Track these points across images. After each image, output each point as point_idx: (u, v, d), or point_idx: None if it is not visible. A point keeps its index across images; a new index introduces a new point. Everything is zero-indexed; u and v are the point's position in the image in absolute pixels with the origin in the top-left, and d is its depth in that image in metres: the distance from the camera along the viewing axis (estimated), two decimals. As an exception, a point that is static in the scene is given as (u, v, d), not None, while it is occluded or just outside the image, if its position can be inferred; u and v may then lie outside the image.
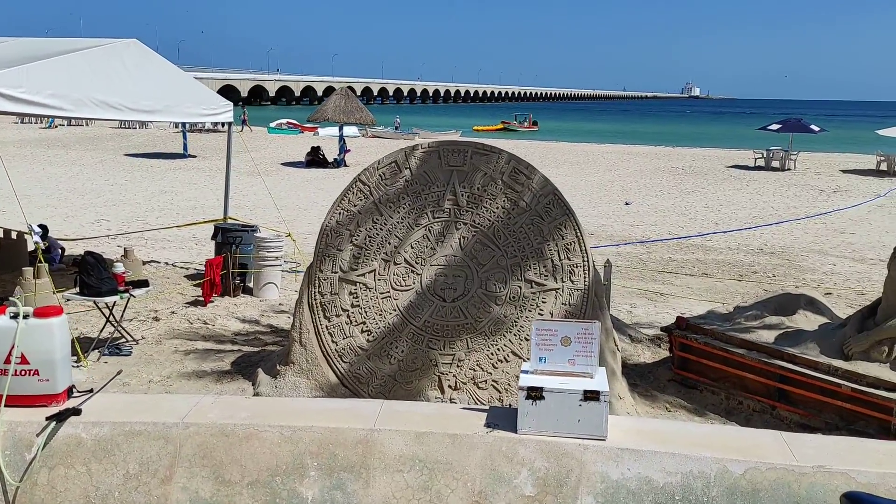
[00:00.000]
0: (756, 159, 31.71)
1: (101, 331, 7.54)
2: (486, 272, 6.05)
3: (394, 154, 6.34)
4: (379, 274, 6.14)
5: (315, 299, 6.20)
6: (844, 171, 30.06)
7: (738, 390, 6.51)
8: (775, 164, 30.67)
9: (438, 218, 6.15)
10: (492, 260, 6.07)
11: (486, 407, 3.90)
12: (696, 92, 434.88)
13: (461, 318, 6.00)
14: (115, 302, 7.37)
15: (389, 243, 6.16)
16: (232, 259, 9.61)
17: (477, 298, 6.02)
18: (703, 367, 6.79)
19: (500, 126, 65.38)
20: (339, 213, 6.26)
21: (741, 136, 51.39)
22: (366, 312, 6.11)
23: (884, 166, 29.88)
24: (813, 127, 33.09)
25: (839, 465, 3.29)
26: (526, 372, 3.51)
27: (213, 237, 10.31)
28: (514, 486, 3.50)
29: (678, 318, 7.13)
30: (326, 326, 6.15)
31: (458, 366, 5.95)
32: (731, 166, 31.74)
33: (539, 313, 5.99)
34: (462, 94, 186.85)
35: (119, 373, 5.88)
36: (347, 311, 6.13)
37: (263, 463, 3.67)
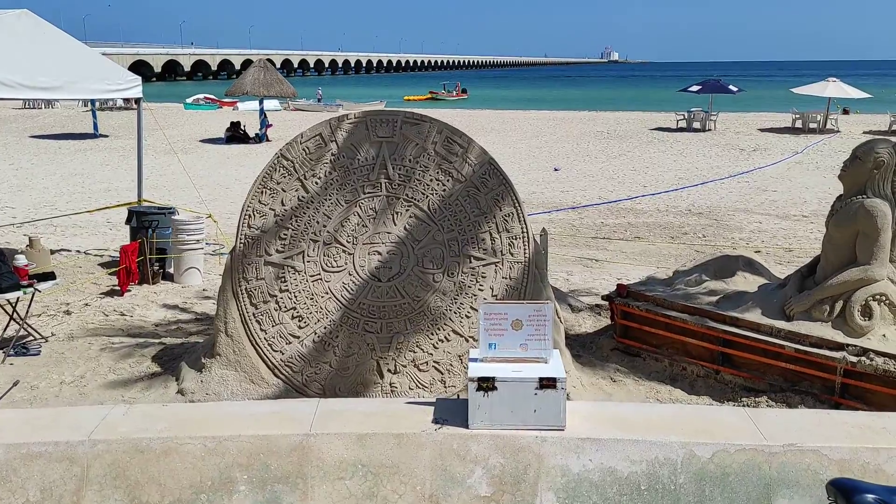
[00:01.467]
0: (678, 121, 32.17)
1: (5, 330, 6.90)
2: (422, 249, 5.72)
3: (318, 126, 5.90)
4: (308, 255, 5.73)
5: (240, 285, 5.76)
6: (762, 130, 30.81)
7: (682, 356, 6.41)
8: (697, 125, 31.17)
9: (369, 193, 5.78)
10: (428, 235, 5.74)
11: (433, 399, 3.60)
12: (615, 56, 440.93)
13: (398, 298, 5.67)
14: (17, 298, 6.75)
15: (318, 222, 5.75)
16: (148, 244, 8.99)
17: (414, 277, 5.69)
18: (646, 335, 6.66)
19: (428, 96, 64.80)
20: (262, 193, 5.81)
21: (662, 99, 52.20)
22: (296, 297, 5.71)
23: (799, 124, 30.74)
24: (731, 87, 33.71)
25: (810, 441, 3.14)
26: (475, 360, 3.22)
27: (128, 221, 9.65)
28: (467, 487, 3.22)
29: (618, 285, 6.97)
30: (254, 314, 5.73)
31: (397, 348, 5.63)
32: (655, 129, 32.13)
33: (479, 289, 5.72)
34: (385, 65, 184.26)
35: (15, 384, 5.28)
36: (276, 296, 5.72)
37: (186, 480, 3.28)
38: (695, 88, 33.22)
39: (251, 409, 3.78)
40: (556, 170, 20.83)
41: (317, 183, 5.78)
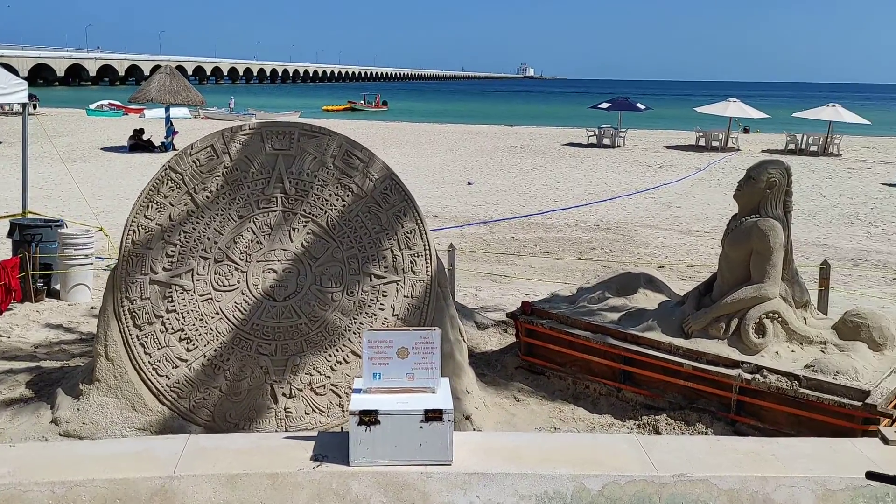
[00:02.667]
0: (589, 137, 32.90)
1: None
2: (320, 266, 5.50)
3: (209, 138, 5.61)
4: (198, 274, 5.42)
5: (122, 306, 5.39)
6: (668, 147, 31.84)
7: (585, 374, 6.39)
8: (606, 141, 31.95)
9: (264, 208, 5.52)
10: (326, 253, 5.53)
11: (314, 433, 3.39)
12: (531, 72, 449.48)
13: (294, 318, 5.42)
14: None
15: (209, 239, 5.45)
16: (31, 259, 8.40)
17: (311, 295, 5.46)
18: (550, 352, 6.62)
19: (347, 106, 64.39)
20: (148, 207, 5.47)
21: (574, 115, 53.35)
22: (184, 318, 5.38)
23: (702, 142, 31.93)
24: (639, 105, 34.79)
25: (700, 471, 3.09)
26: (358, 391, 3.02)
27: (9, 235, 9.01)
28: (348, 527, 3.01)
29: (523, 303, 6.92)
30: (137, 336, 5.37)
31: (292, 371, 5.37)
32: (566, 144, 32.75)
33: (380, 308, 5.54)
34: (302, 74, 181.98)
35: None
36: (162, 317, 5.38)
37: (31, 532, 2.95)
38: (605, 105, 34.11)
39: (110, 449, 3.46)
40: (469, 183, 20.87)
41: (208, 197, 5.49)
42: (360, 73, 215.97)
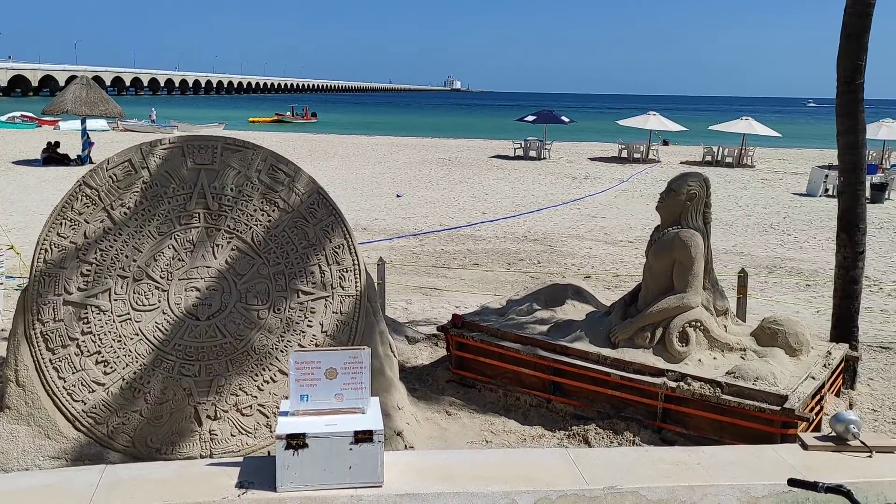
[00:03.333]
0: (515, 149, 33.33)
1: None
2: (245, 283, 5.35)
3: (127, 152, 5.40)
4: (115, 294, 5.19)
5: (34, 328, 5.11)
6: (592, 159, 32.54)
7: (515, 386, 6.41)
8: (532, 153, 32.44)
9: (186, 224, 5.34)
10: (252, 269, 5.38)
11: (239, 459, 3.26)
12: (458, 85, 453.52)
13: (218, 337, 5.25)
14: None
15: (127, 257, 5.23)
16: (-66, 280, 7.91)
17: (236, 314, 5.30)
18: (481, 365, 6.62)
19: (275, 118, 63.63)
20: (61, 224, 5.22)
21: (500, 127, 54.04)
22: (101, 340, 5.14)
23: (624, 154, 32.78)
24: (564, 118, 35.45)
25: (629, 482, 3.12)
26: (285, 414, 2.93)
27: (-90, 254, 8.46)
28: (275, 555, 2.91)
29: (454, 315, 6.90)
30: (50, 360, 5.10)
31: (217, 392, 5.19)
32: (494, 156, 33.10)
33: (308, 325, 5.42)
34: (226, 86, 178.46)
35: None
36: (77, 339, 5.12)
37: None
38: (530, 118, 34.62)
39: (19, 483, 3.26)
40: (398, 196, 20.83)
41: (125, 213, 5.27)
42: (286, 84, 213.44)
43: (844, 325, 6.96)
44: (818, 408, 5.66)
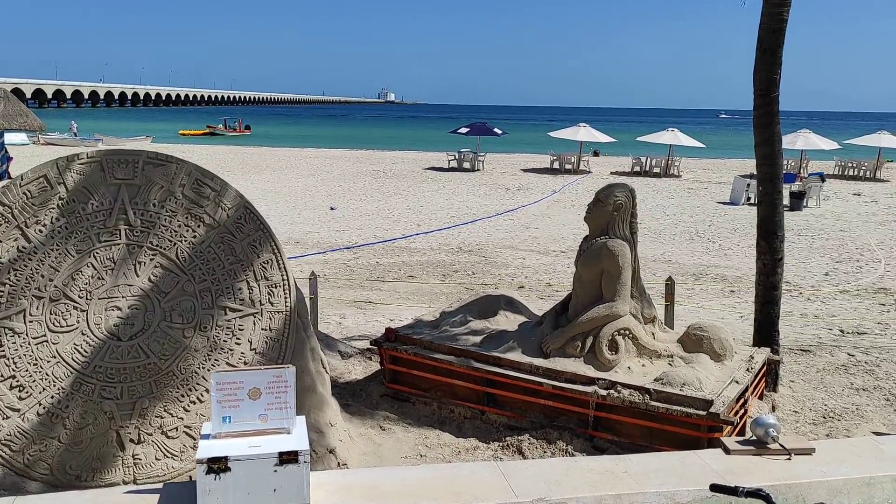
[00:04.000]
0: (449, 161, 33.50)
1: None
2: (170, 301, 5.19)
3: (43, 167, 5.19)
4: (31, 315, 4.97)
5: (-58, 354, 4.84)
6: (525, 171, 32.97)
7: (450, 398, 6.40)
8: (466, 165, 32.66)
9: (106, 242, 5.15)
10: (177, 287, 5.22)
11: (159, 485, 3.15)
12: (392, 97, 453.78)
13: (142, 357, 5.07)
14: None
15: (43, 276, 5.01)
16: None
17: (160, 333, 5.14)
18: (415, 379, 6.59)
19: (206, 131, 62.49)
20: (-30, 243, 4.96)
21: (435, 139, 54.27)
22: (15, 363, 4.91)
23: (556, 165, 33.32)
24: (497, 130, 35.86)
25: (558, 493, 3.13)
26: (206, 437, 2.84)
27: None
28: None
29: (387, 329, 6.85)
30: (-40, 387, 4.83)
31: (140, 415, 5.01)
32: (428, 168, 33.19)
33: (236, 342, 5.29)
34: (154, 98, 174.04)
35: None
36: (-11, 364, 4.87)
37: None
38: (464, 130, 34.90)
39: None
40: (332, 209, 20.66)
41: (41, 231, 5.06)
42: (218, 96, 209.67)
43: (766, 330, 7.20)
44: (742, 411, 5.82)
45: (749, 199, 22.55)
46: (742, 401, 5.83)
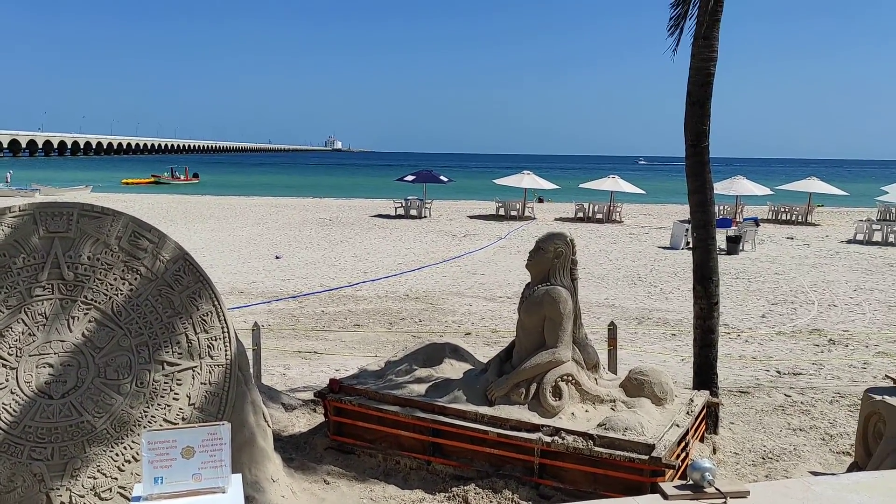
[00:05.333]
0: (396, 208, 33.63)
1: None
2: (105, 357, 5.05)
3: (-29, 221, 5.04)
4: (-45, 374, 4.77)
5: None
6: (471, 217, 33.28)
7: (395, 449, 6.32)
8: (413, 212, 32.83)
9: (38, 297, 5.01)
10: (112, 342, 5.09)
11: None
12: (339, 145, 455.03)
13: (74, 415, 4.90)
14: None
15: (-31, 333, 4.83)
16: None
17: (94, 390, 4.98)
18: (360, 430, 6.50)
19: (151, 180, 61.71)
20: None
21: (381, 187, 54.51)
22: (-62, 426, 4.68)
23: (502, 211, 33.75)
24: (442, 178, 36.23)
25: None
26: (137, 499, 2.75)
27: None
28: None
29: (331, 380, 6.77)
30: None
31: (72, 476, 4.82)
32: (375, 216, 33.24)
33: (174, 397, 5.15)
34: (95, 146, 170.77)
35: None
36: None
37: None
38: (410, 178, 35.17)
39: None
40: (277, 257, 20.46)
41: (-32, 287, 4.89)
42: (161, 145, 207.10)
43: (705, 373, 7.35)
44: (684, 455, 5.90)
45: (688, 243, 23.13)
46: (683, 444, 5.91)
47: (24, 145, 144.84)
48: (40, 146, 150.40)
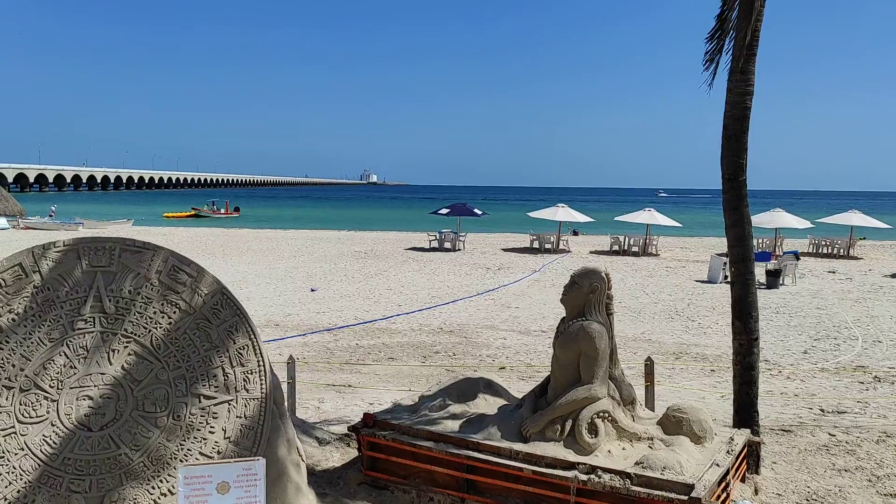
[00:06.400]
0: (430, 241, 33.75)
1: None
2: (143, 390, 5.11)
3: (18, 255, 5.19)
4: (0, 406, 4.87)
5: None
6: (505, 250, 33.24)
7: (429, 485, 6.26)
8: (447, 245, 32.90)
9: (80, 330, 5.11)
10: (150, 374, 5.16)
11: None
12: (374, 178, 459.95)
13: (112, 448, 4.96)
14: None
15: (14, 365, 4.94)
16: None
17: (132, 422, 5.04)
18: (393, 465, 6.46)
19: (191, 213, 63.01)
20: (-59, 333, 4.90)
21: (416, 220, 54.86)
22: (-19, 457, 4.77)
23: (536, 244, 33.65)
24: (476, 210, 36.32)
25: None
26: (173, 535, 2.76)
27: None
28: None
29: (365, 415, 6.75)
30: (-78, 482, 4.68)
31: (109, 509, 4.86)
32: (410, 248, 33.39)
33: (210, 431, 5.19)
34: (137, 181, 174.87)
35: None
36: (-47, 458, 4.74)
37: None
38: (444, 211, 35.32)
39: None
40: (312, 290, 20.62)
41: (13, 320, 5.01)
42: (201, 179, 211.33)
43: (745, 411, 7.18)
44: (724, 495, 5.75)
45: (726, 277, 22.79)
46: (724, 484, 5.76)
47: (69, 180, 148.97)
48: (84, 181, 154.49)
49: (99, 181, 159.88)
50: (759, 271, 17.02)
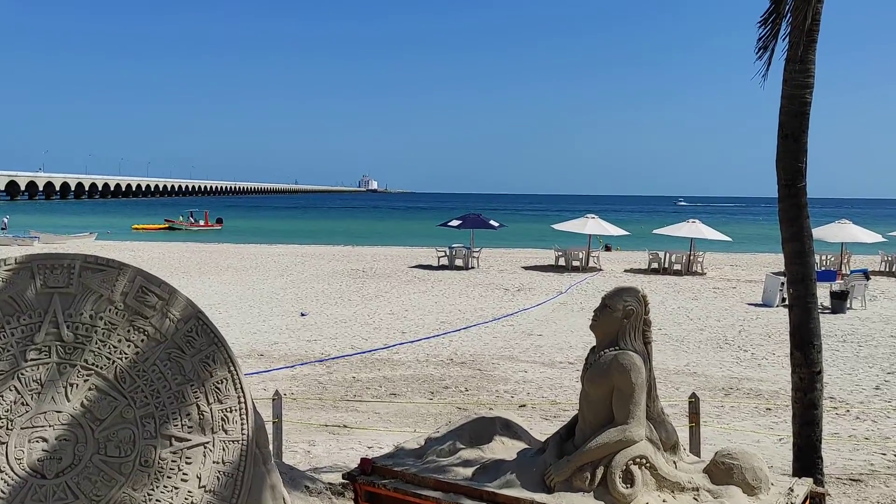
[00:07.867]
0: (439, 258, 33.82)
1: None
2: (105, 430, 5.12)
3: (-37, 275, 5.22)
4: (-61, 448, 4.88)
5: None
6: (526, 268, 33.28)
7: (437, 543, 6.23)
8: (459, 262, 32.97)
9: (34, 360, 5.13)
10: (114, 412, 5.16)
11: None
12: (374, 185, 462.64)
13: (70, 498, 4.95)
14: None
15: (-44, 402, 4.96)
16: None
17: (93, 468, 5.04)
18: (395, 519, 6.43)
19: (164, 225, 63.37)
20: None
21: (422, 233, 55.01)
22: (-83, 508, 4.78)
23: (562, 261, 33.64)
24: (492, 222, 36.39)
25: None
26: None
27: None
28: None
29: (362, 460, 6.74)
30: None
31: (65, 569, 4.85)
32: (415, 266, 33.47)
33: (183, 478, 5.19)
34: (101, 188, 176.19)
35: None
36: None
37: None
38: (455, 223, 35.39)
39: None
40: (302, 315, 20.69)
41: (-43, 349, 5.04)
42: (176, 186, 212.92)
43: (807, 456, 7.12)
44: (784, 555, 5.69)
45: (784, 299, 22.71)
46: (783, 543, 5.70)
47: (22, 187, 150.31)
48: (41, 188, 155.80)
49: (58, 189, 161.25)
50: (823, 293, 16.95)
